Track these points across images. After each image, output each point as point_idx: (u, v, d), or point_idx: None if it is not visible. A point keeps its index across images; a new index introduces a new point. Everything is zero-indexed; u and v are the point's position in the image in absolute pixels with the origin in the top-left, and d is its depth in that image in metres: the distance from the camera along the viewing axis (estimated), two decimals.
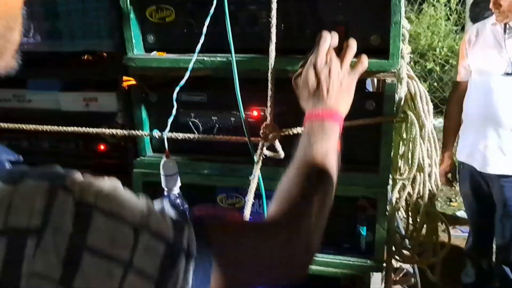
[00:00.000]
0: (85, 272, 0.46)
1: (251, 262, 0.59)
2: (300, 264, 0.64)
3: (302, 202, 0.67)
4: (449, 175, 2.50)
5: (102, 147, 1.59)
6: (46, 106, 1.58)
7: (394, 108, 1.16)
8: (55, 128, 1.26)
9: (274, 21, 1.06)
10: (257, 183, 1.10)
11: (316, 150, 0.74)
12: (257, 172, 1.07)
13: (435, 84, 5.26)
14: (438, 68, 5.25)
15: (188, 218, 0.57)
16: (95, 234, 0.47)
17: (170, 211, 0.57)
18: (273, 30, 1.06)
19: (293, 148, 0.83)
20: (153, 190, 1.45)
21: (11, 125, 1.26)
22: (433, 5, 5.48)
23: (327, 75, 0.83)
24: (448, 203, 3.75)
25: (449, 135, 2.47)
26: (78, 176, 0.52)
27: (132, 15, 1.30)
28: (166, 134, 1.16)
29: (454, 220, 3.40)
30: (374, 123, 1.13)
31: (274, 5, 1.06)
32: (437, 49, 5.30)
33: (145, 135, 1.21)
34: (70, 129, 1.23)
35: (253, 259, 0.59)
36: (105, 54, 1.56)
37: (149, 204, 0.55)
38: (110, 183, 0.54)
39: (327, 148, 0.75)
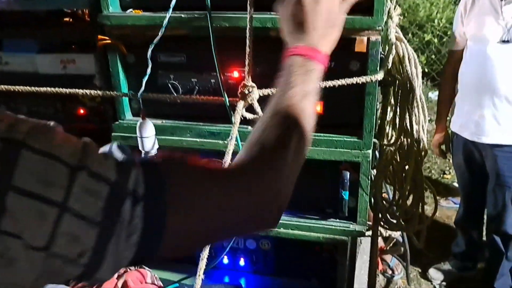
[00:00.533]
0: (13, 213, 0.42)
1: (212, 209, 0.53)
2: (268, 213, 0.58)
3: (274, 146, 0.60)
4: (443, 146, 2.47)
5: (81, 111, 1.55)
6: (23, 69, 1.53)
7: (378, 68, 1.11)
8: (29, 89, 1.21)
9: None
10: (236, 145, 1.06)
11: (294, 91, 0.65)
12: (234, 133, 1.03)
13: (433, 56, 5.16)
14: (436, 40, 5.15)
15: (138, 161, 0.52)
16: (23, 173, 0.43)
17: (117, 154, 0.53)
18: None
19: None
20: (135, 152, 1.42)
21: None
22: None
23: (313, 5, 0.71)
24: (441, 175, 3.74)
25: (443, 106, 2.42)
26: (10, 113, 0.47)
27: None
28: (141, 94, 1.11)
29: (447, 191, 3.40)
30: (357, 83, 1.08)
31: None
32: (436, 21, 5.17)
33: (119, 95, 1.16)
34: (42, 89, 1.19)
35: (215, 206, 0.53)
36: (83, 13, 1.50)
37: (90, 146, 0.50)
38: (47, 123, 0.49)
39: (307, 90, 0.66)
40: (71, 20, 1.62)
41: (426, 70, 5.17)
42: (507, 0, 2.02)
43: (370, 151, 1.18)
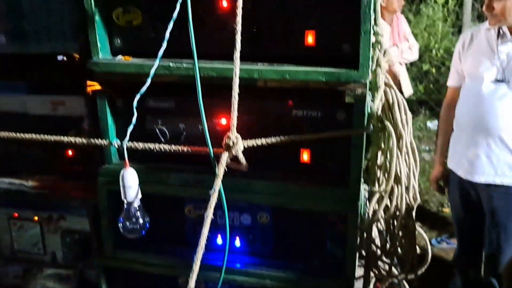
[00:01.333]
0: None
1: None
2: None
3: None
4: (441, 181, 2.45)
5: (70, 152, 1.54)
6: (13, 109, 1.53)
7: (365, 121, 1.11)
8: (15, 135, 1.21)
9: (239, 27, 1.01)
10: (219, 195, 1.05)
11: None
12: (217, 186, 1.02)
13: (431, 86, 5.20)
14: (434, 70, 5.20)
15: None
16: None
17: None
18: (238, 37, 1.01)
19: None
20: (119, 199, 1.41)
21: None
22: (431, 6, 5.42)
23: None
24: (440, 208, 3.70)
25: (442, 141, 2.41)
26: None
27: (97, 17, 1.25)
28: (126, 143, 1.11)
29: (445, 224, 3.35)
30: (343, 136, 1.08)
31: (239, 11, 1.01)
32: (434, 51, 5.24)
33: (104, 144, 1.16)
34: (28, 136, 1.18)
35: None
36: (74, 56, 1.51)
37: None
38: None
39: None
40: (64, 59, 1.63)
41: (424, 99, 5.20)
42: (504, 39, 2.04)
43: (357, 202, 1.17)
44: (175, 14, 1.06)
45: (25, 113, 1.53)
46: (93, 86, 1.27)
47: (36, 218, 1.65)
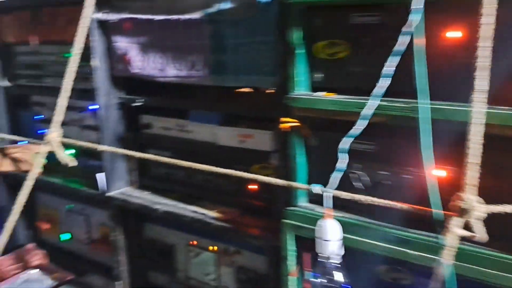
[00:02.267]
0: None
1: None
2: None
3: None
4: None
5: (254, 186, 1.51)
6: (204, 139, 1.57)
7: None
8: (207, 167, 1.20)
9: (483, 62, 0.81)
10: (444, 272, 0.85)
11: None
12: (446, 259, 0.82)
13: None
14: None
15: None
16: None
17: None
18: (481, 74, 0.82)
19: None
20: (311, 245, 1.30)
21: (167, 160, 1.24)
22: None
23: None
24: None
25: None
26: None
27: (299, 51, 1.18)
28: (331, 192, 0.98)
29: None
30: None
31: (484, 43, 0.81)
32: None
33: (301, 188, 1.06)
34: (222, 170, 1.16)
35: None
36: (269, 91, 1.48)
37: None
38: None
39: None
40: (256, 93, 1.63)
41: None
42: None
43: None
44: (401, 48, 0.92)
45: (214, 142, 1.55)
46: (288, 122, 1.19)
47: (212, 248, 1.65)
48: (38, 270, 1.88)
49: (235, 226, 1.46)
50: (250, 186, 1.51)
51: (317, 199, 1.26)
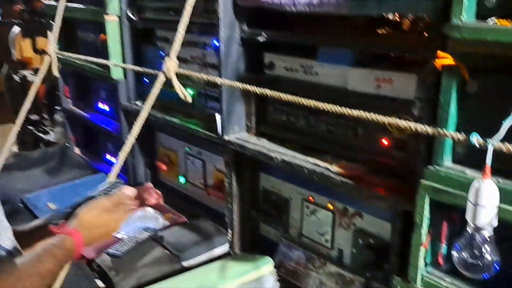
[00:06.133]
0: None
1: None
2: None
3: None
4: None
5: (384, 141, 1.35)
6: (333, 83, 1.44)
7: None
8: (337, 108, 1.08)
9: None
10: None
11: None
12: None
13: None
14: None
15: None
16: None
17: None
18: None
19: None
20: (447, 214, 1.13)
21: (290, 97, 1.15)
22: None
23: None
24: None
25: None
26: None
27: None
28: (494, 142, 0.80)
29: None
30: None
31: None
32: None
33: (454, 137, 0.88)
34: (356, 112, 1.03)
35: None
36: (422, 19, 1.29)
37: None
38: None
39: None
40: (391, 30, 1.45)
41: None
42: None
43: None
44: None
45: (343, 87, 1.42)
46: (444, 59, 1.00)
47: (330, 206, 1.55)
48: (152, 209, 1.98)
49: (360, 185, 1.33)
50: (381, 141, 1.35)
51: (463, 159, 1.08)
